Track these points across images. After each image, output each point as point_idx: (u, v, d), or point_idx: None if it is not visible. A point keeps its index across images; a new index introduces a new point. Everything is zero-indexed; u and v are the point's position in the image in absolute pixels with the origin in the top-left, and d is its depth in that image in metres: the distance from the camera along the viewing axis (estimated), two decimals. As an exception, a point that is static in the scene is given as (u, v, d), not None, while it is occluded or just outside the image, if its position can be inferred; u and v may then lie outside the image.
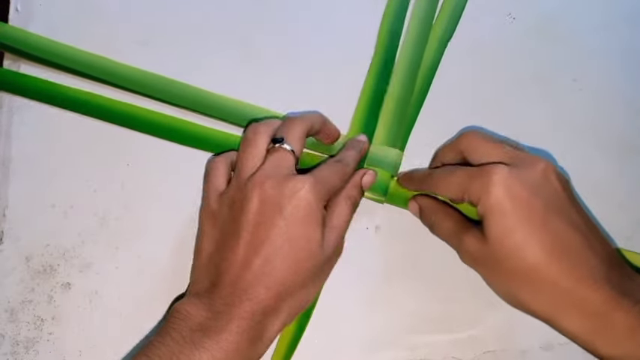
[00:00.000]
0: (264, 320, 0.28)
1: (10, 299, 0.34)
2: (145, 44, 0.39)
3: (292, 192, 0.29)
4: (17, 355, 0.33)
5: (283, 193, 0.29)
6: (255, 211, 0.29)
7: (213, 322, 0.27)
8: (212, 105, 0.38)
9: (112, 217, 0.36)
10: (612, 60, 0.41)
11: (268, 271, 0.28)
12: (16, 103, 0.37)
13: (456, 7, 0.40)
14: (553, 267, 0.27)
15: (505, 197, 0.28)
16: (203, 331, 0.27)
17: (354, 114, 0.38)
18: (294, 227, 0.29)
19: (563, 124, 0.39)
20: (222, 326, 0.27)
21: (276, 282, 0.28)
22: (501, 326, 0.35)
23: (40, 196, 0.36)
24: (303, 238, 0.29)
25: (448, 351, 0.34)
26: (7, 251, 0.35)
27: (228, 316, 0.27)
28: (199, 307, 0.28)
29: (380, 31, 0.40)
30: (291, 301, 0.29)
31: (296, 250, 0.29)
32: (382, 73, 0.39)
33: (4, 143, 0.37)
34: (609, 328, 0.27)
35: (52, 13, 0.39)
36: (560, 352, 0.34)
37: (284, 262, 0.29)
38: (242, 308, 0.28)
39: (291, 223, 0.29)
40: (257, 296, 0.28)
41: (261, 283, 0.28)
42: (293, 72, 0.39)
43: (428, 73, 0.39)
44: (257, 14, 0.40)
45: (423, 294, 0.35)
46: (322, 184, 0.31)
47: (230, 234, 0.30)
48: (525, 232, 0.28)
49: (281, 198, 0.29)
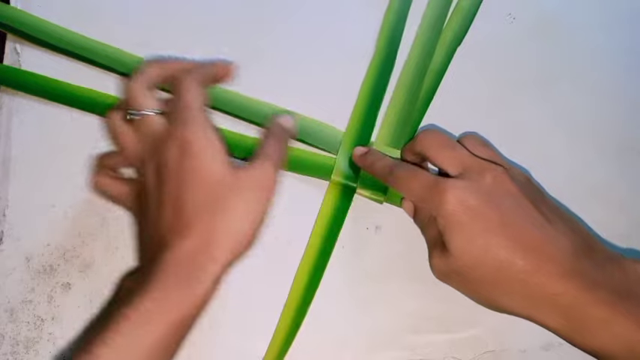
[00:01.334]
0: (190, 259, 0.26)
1: (10, 299, 0.34)
2: (144, 45, 0.39)
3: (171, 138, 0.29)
4: (17, 355, 0.33)
5: (165, 140, 0.29)
6: (151, 174, 0.29)
7: (137, 282, 0.27)
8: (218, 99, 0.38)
9: (112, 217, 0.36)
10: (612, 60, 0.41)
11: (173, 205, 0.27)
12: (15, 104, 0.37)
13: (467, 13, 0.40)
14: (518, 265, 0.28)
15: (460, 211, 0.28)
16: (130, 291, 0.26)
17: (352, 113, 0.38)
18: (188, 161, 0.28)
19: (563, 125, 0.39)
20: (143, 280, 0.26)
21: (186, 221, 0.27)
22: (501, 326, 0.35)
23: (40, 196, 0.36)
24: (197, 166, 0.27)
25: (448, 351, 0.34)
26: (7, 251, 0.35)
27: (148, 269, 0.27)
28: (130, 278, 0.29)
29: (381, 31, 0.40)
30: (208, 229, 0.27)
31: (195, 178, 0.27)
32: (382, 73, 0.39)
33: (4, 143, 0.37)
34: (584, 321, 0.27)
35: (50, 14, 0.39)
36: (559, 352, 0.35)
37: (181, 189, 0.27)
38: (159, 257, 0.26)
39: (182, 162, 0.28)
40: (171, 243, 0.27)
41: (172, 230, 0.27)
42: (292, 72, 0.39)
43: (435, 78, 0.39)
44: (256, 14, 0.40)
45: (423, 294, 0.35)
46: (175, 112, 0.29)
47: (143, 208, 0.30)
48: (484, 238, 0.28)
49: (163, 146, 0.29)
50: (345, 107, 0.38)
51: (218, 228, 0.27)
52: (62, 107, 0.37)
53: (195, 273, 0.26)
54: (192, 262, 0.26)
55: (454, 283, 0.31)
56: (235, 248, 0.27)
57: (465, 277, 0.29)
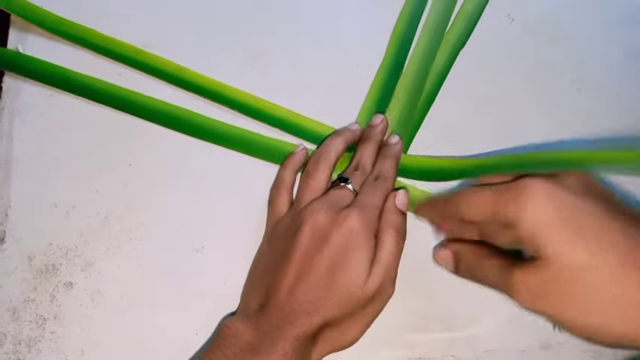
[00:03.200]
0: (305, 346, 0.28)
1: (13, 298, 0.34)
2: (147, 47, 0.39)
3: (341, 221, 0.30)
4: (19, 354, 0.34)
5: (334, 222, 0.30)
6: (305, 237, 0.30)
7: (261, 343, 0.28)
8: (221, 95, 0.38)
9: (114, 217, 0.36)
10: (612, 60, 0.41)
11: (310, 298, 0.29)
12: (17, 105, 0.37)
13: (471, 16, 0.40)
14: (625, 278, 0.24)
15: (552, 209, 0.25)
16: (252, 350, 0.28)
17: (358, 115, 0.38)
18: (338, 257, 0.29)
19: (562, 125, 0.39)
20: (268, 347, 0.28)
21: (317, 311, 0.29)
22: (501, 325, 0.35)
23: (43, 195, 0.36)
24: (346, 269, 0.29)
25: (447, 350, 0.34)
26: (9, 250, 0.35)
27: (275, 338, 0.28)
28: (248, 326, 0.28)
29: (392, 35, 0.40)
30: (331, 333, 0.29)
31: (338, 281, 0.29)
32: (391, 77, 0.39)
33: (6, 144, 0.37)
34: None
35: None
36: (558, 351, 0.35)
37: (325, 292, 0.29)
38: (286, 331, 0.28)
39: (336, 253, 0.29)
40: (299, 321, 0.28)
41: (303, 309, 0.29)
42: (298, 74, 0.39)
43: (437, 80, 0.39)
44: (261, 15, 0.40)
45: (423, 293, 0.35)
46: (367, 209, 0.31)
47: (281, 258, 0.30)
48: (585, 244, 0.24)
49: (331, 227, 0.30)
50: (351, 110, 0.38)
51: (336, 331, 0.30)
52: (62, 107, 0.37)
53: (305, 358, 0.29)
54: (307, 346, 0.29)
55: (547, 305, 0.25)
56: (339, 348, 0.30)
57: (563, 292, 0.24)
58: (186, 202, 0.36)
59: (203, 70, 0.39)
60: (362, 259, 0.29)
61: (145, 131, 0.37)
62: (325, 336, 0.29)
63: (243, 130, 0.38)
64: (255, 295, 0.31)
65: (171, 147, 0.37)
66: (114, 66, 0.38)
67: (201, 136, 0.37)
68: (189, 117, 0.38)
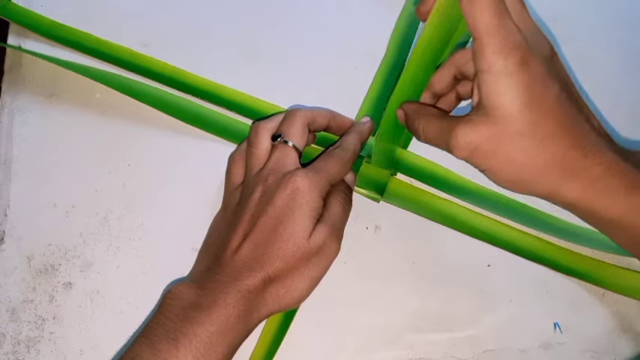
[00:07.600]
0: (250, 300, 0.29)
1: (12, 299, 0.34)
2: (146, 46, 0.39)
3: (286, 182, 0.30)
4: (18, 354, 0.34)
5: (280, 184, 0.31)
6: (253, 202, 0.31)
7: (204, 299, 0.28)
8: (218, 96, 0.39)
9: (113, 217, 0.36)
10: (612, 60, 0.41)
11: (255, 255, 0.30)
12: (17, 104, 0.37)
13: None
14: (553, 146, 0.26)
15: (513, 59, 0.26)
16: (194, 307, 0.28)
17: (357, 116, 0.38)
18: (283, 215, 0.30)
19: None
20: (211, 301, 0.28)
21: (261, 266, 0.29)
22: (501, 325, 0.35)
23: (42, 196, 0.36)
24: (289, 227, 0.30)
25: (448, 350, 0.34)
26: (8, 251, 0.35)
27: (217, 293, 0.29)
28: (190, 287, 0.29)
29: (392, 35, 0.40)
30: (277, 289, 0.30)
31: (282, 235, 0.30)
32: (390, 77, 0.39)
33: (6, 143, 0.37)
34: (610, 189, 0.26)
35: (53, 14, 0.39)
36: (558, 351, 0.35)
37: (269, 248, 0.30)
38: (229, 286, 0.29)
39: (281, 211, 0.30)
40: (242, 276, 0.29)
41: (247, 266, 0.29)
42: (295, 75, 0.39)
43: None
44: (260, 15, 0.40)
45: (423, 293, 0.35)
46: (319, 172, 0.31)
47: (231, 224, 0.31)
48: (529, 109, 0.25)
49: (277, 188, 0.30)
50: (350, 108, 0.38)
51: (282, 287, 0.30)
52: (63, 107, 0.38)
53: (251, 312, 0.29)
54: (253, 300, 0.29)
55: (479, 156, 0.27)
56: (288, 305, 0.30)
57: (493, 145, 0.26)
58: (185, 202, 0.36)
59: (200, 71, 0.39)
60: (307, 215, 0.30)
61: (144, 131, 0.37)
62: (272, 292, 0.30)
63: (244, 125, 0.38)
64: (204, 259, 0.32)
65: (170, 147, 0.37)
66: (110, 69, 0.38)
67: (200, 126, 0.38)
68: (190, 106, 0.38)
